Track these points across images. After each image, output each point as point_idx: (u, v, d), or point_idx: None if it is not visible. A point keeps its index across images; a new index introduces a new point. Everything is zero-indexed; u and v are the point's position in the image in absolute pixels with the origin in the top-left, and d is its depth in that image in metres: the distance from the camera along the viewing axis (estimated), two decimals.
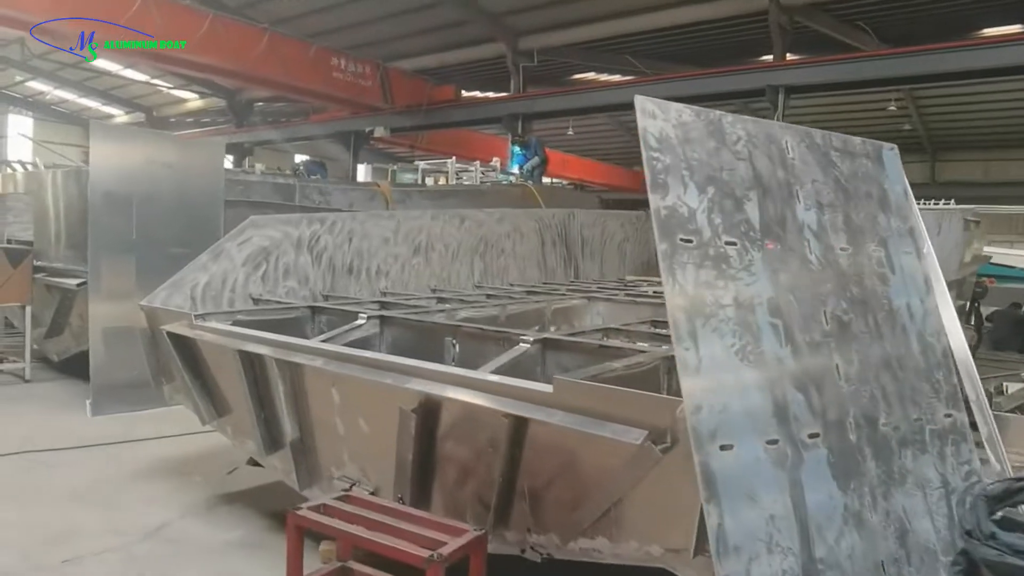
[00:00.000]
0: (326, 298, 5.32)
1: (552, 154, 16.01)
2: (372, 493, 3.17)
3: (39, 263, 7.27)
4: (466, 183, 11.96)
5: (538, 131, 17.67)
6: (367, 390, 3.03)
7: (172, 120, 27.38)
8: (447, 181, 12.30)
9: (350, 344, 3.80)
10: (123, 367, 6.46)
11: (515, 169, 12.64)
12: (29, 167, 8.29)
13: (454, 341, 3.82)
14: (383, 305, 4.92)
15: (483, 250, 6.90)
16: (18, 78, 25.82)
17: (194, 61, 14.23)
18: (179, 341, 3.92)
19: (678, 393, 2.65)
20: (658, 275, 7.86)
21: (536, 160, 12.72)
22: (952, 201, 13.74)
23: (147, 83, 24.23)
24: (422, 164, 11.77)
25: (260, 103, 24.37)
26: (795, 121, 16.33)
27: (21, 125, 27.83)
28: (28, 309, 7.21)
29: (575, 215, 8.32)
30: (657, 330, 3.98)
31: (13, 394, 6.93)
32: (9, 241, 7.98)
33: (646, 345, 3.54)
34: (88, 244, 6.28)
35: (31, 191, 7.76)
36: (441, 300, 5.35)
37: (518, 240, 7.36)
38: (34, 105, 28.45)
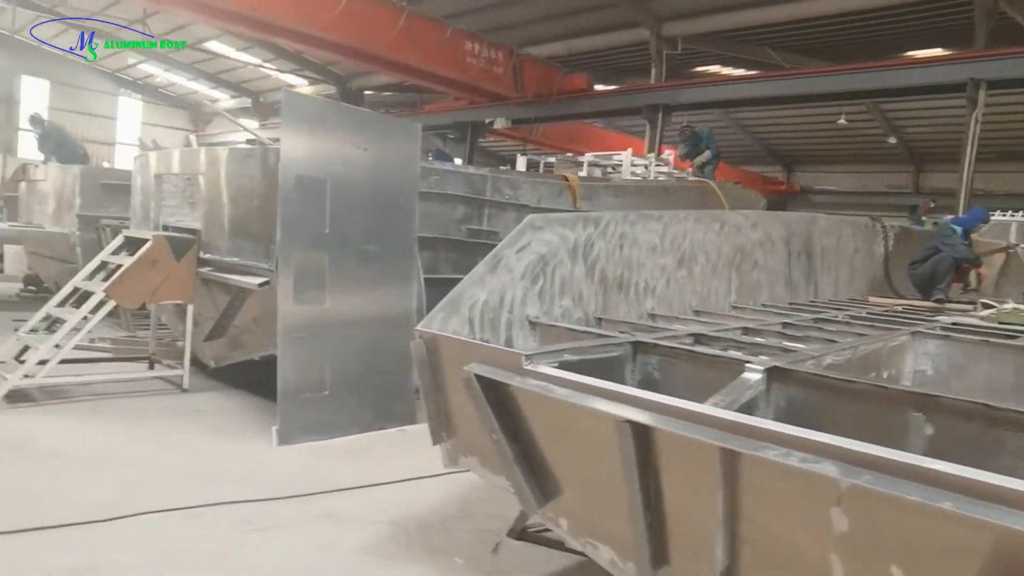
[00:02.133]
0: (599, 321, 4.12)
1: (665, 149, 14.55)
2: None
3: (203, 255, 6.31)
4: (614, 176, 10.66)
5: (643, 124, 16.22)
6: (937, 526, 1.76)
7: (277, 107, 26.90)
8: (600, 175, 11.02)
9: (740, 409, 2.57)
10: (312, 386, 5.41)
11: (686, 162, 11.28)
12: (193, 142, 7.33)
13: (926, 419, 2.51)
14: (697, 339, 3.67)
15: (739, 261, 5.60)
16: (131, 60, 25.76)
17: (327, 40, 13.41)
18: (494, 390, 2.74)
19: None
20: (900, 296, 6.22)
21: (708, 155, 11.31)
22: None
23: (257, 67, 23.74)
24: (589, 157, 10.50)
25: (370, 91, 23.59)
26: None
27: (131, 107, 27.89)
28: (190, 309, 6.26)
29: (817, 221, 6.92)
30: None
31: (174, 406, 5.97)
32: (165, 228, 7.06)
33: None
34: (277, 237, 5.25)
35: (190, 172, 6.81)
36: (747, 331, 4.07)
37: (769, 250, 6.03)
38: (143, 88, 28.46)
